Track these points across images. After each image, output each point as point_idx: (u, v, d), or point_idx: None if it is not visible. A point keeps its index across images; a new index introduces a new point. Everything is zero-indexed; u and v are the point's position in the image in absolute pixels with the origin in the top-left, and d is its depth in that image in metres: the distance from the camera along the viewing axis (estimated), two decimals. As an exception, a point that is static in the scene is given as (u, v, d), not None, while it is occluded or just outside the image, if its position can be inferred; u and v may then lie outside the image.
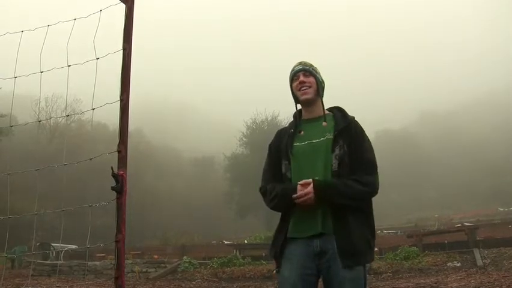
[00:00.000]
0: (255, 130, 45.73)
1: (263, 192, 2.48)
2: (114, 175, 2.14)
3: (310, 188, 2.21)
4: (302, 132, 2.42)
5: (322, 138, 2.35)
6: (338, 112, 2.47)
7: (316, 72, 2.47)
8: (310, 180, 2.23)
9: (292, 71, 2.51)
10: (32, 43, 2.78)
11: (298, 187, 2.24)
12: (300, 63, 2.49)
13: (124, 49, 2.31)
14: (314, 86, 2.43)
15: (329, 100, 2.53)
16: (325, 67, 2.52)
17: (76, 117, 47.29)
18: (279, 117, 45.27)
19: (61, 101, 46.27)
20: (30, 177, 26.83)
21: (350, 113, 2.50)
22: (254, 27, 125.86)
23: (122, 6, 2.36)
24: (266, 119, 45.61)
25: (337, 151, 2.30)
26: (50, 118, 44.15)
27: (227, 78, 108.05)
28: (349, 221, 2.23)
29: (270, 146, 2.54)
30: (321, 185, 2.23)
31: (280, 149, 2.46)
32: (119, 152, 2.23)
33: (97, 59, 2.41)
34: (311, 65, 2.48)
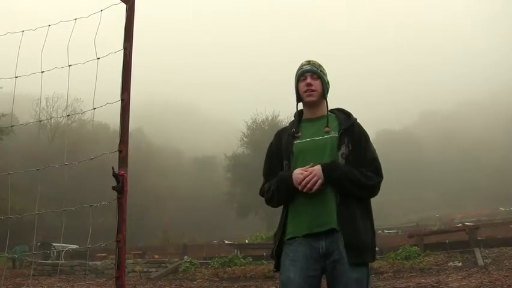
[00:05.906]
0: (255, 130, 45.75)
1: (262, 193, 2.42)
2: (115, 175, 2.14)
3: (317, 167, 2.16)
4: (300, 134, 2.34)
5: (326, 136, 2.28)
6: (341, 113, 2.42)
7: (323, 74, 2.41)
8: (316, 166, 2.17)
9: (299, 69, 2.42)
10: (32, 43, 2.78)
11: (300, 170, 2.19)
12: (309, 62, 2.42)
13: (124, 49, 2.31)
14: (319, 89, 2.37)
15: (330, 99, 2.51)
16: (324, 66, 2.47)
17: (76, 117, 47.23)
18: (279, 117, 45.28)
19: (62, 101, 46.29)
20: (31, 177, 26.88)
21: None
22: (254, 26, 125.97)
23: (123, 5, 2.36)
24: (267, 118, 45.64)
25: (343, 149, 2.25)
26: (51, 118, 44.16)
27: (228, 77, 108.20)
28: (356, 215, 2.17)
29: (271, 146, 2.47)
30: (329, 166, 2.18)
31: (280, 148, 2.38)
32: (120, 151, 2.23)
33: (98, 58, 2.41)
34: (319, 66, 2.41)
